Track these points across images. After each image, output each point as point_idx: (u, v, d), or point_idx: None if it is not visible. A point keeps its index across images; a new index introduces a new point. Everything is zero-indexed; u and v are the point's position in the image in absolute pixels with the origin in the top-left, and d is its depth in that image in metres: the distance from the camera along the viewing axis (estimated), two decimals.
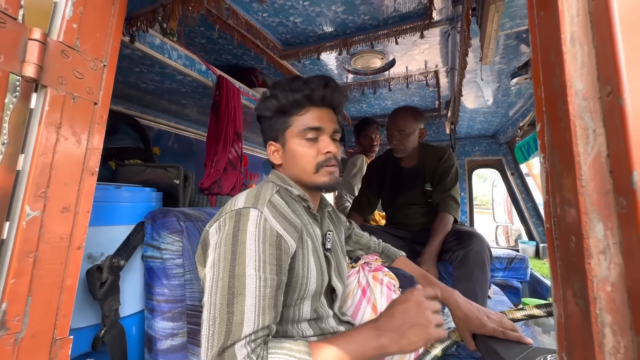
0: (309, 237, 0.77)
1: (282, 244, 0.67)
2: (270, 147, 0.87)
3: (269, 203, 0.71)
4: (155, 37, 1.08)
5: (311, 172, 0.81)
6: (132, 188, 0.83)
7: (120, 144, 1.29)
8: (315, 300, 0.77)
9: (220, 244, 0.64)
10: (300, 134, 0.81)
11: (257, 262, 0.62)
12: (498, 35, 0.85)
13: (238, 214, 0.67)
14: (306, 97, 0.81)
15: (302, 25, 1.48)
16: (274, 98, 0.82)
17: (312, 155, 0.81)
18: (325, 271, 0.81)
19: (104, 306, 0.67)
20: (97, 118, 0.58)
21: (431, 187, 1.81)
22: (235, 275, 0.61)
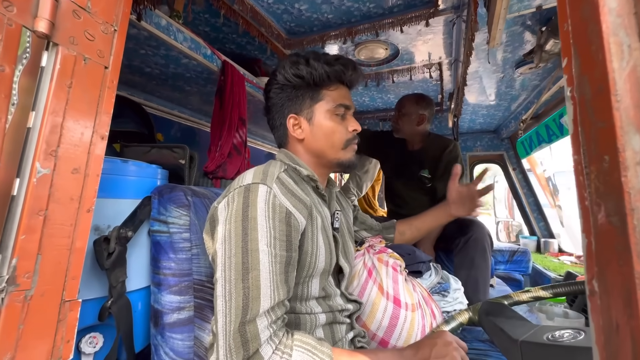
0: (319, 215, 0.77)
1: (291, 221, 0.66)
2: (291, 121, 0.82)
3: (277, 180, 0.70)
4: (162, 18, 1.08)
5: (339, 148, 0.82)
6: (139, 163, 0.83)
7: (124, 128, 1.28)
8: (323, 278, 0.77)
9: (230, 220, 0.63)
10: (332, 110, 0.80)
11: (268, 238, 0.62)
12: (507, 15, 0.85)
13: (247, 189, 0.66)
14: (341, 72, 0.80)
15: (307, 13, 1.48)
16: (308, 65, 0.78)
17: (342, 131, 0.81)
18: (334, 250, 0.80)
19: (111, 277, 0.67)
20: (107, 82, 0.57)
21: (429, 174, 1.82)
22: (248, 251, 0.60)
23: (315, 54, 0.81)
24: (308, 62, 0.79)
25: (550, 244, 2.54)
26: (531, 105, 2.01)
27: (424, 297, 0.99)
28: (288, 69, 0.80)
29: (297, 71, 0.79)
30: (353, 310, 0.83)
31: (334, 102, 0.80)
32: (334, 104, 0.80)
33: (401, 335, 0.87)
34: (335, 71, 0.79)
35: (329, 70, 0.79)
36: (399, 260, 1.03)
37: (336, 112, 0.81)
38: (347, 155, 0.83)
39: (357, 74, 0.83)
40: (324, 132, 0.81)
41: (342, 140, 0.81)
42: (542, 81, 1.79)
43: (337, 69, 0.79)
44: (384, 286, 0.93)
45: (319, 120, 0.81)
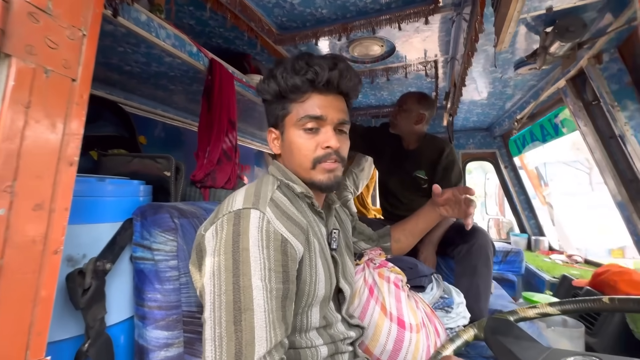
0: (316, 238, 0.70)
1: (288, 249, 0.60)
2: (271, 134, 0.79)
3: (271, 202, 0.63)
4: (141, 13, 0.97)
5: (307, 168, 0.72)
6: (118, 181, 0.74)
7: (102, 132, 1.17)
8: (324, 306, 0.71)
9: (219, 251, 0.56)
10: (299, 123, 0.71)
11: (262, 271, 0.55)
12: (519, 17, 0.79)
13: (237, 215, 0.59)
14: (308, 81, 0.70)
15: (299, 7, 1.39)
16: (273, 79, 0.72)
17: (309, 148, 0.72)
18: (334, 274, 0.74)
19: (87, 316, 0.59)
20: (75, 97, 0.48)
21: (425, 176, 1.79)
22: (240, 288, 0.54)
23: (288, 62, 0.72)
24: (275, 76, 0.72)
25: (541, 242, 2.57)
26: (526, 104, 1.98)
27: (427, 314, 0.95)
28: (260, 84, 0.77)
29: (264, 86, 0.75)
30: (356, 337, 0.78)
31: (302, 114, 0.71)
32: (301, 116, 0.71)
33: (406, 358, 0.82)
34: (296, 83, 0.70)
35: (292, 81, 0.70)
36: (401, 275, 0.99)
37: (304, 127, 0.71)
38: (317, 176, 0.72)
39: (336, 72, 0.71)
40: (290, 148, 0.74)
41: (308, 158, 0.72)
42: (539, 81, 1.76)
43: (307, 76, 0.70)
44: (386, 306, 0.89)
45: (287, 135, 0.74)
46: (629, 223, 1.46)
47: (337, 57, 0.74)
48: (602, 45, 1.16)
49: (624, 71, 1.20)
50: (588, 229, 6.02)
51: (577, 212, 5.87)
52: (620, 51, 1.19)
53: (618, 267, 1.39)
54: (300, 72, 0.70)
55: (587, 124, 1.49)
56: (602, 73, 1.25)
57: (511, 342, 0.82)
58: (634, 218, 1.41)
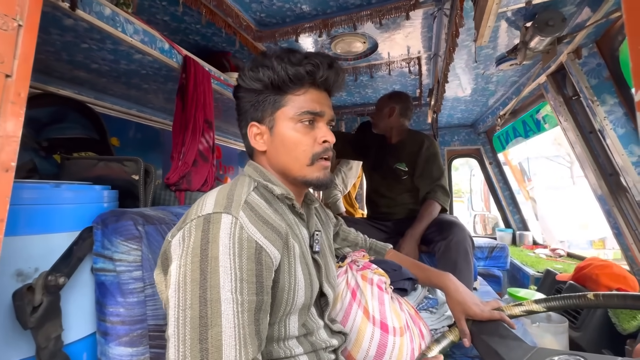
0: (296, 242, 0.66)
1: (262, 257, 0.55)
2: (252, 130, 0.71)
3: (245, 205, 0.58)
4: (105, 7, 0.91)
5: (304, 164, 0.69)
6: (77, 186, 0.68)
7: (68, 134, 1.10)
8: (303, 314, 0.67)
9: (186, 261, 0.51)
10: (296, 117, 0.68)
11: (233, 282, 0.50)
12: (499, 9, 0.77)
13: (207, 221, 0.54)
14: (309, 73, 0.68)
15: (278, 3, 1.35)
16: (268, 68, 0.67)
17: (307, 143, 0.68)
18: (315, 278, 0.71)
19: (38, 336, 0.53)
20: (10, 95, 0.43)
21: (405, 167, 1.84)
22: (207, 301, 0.49)
23: (282, 53, 0.68)
24: (269, 64, 0.67)
25: (525, 237, 2.60)
26: (509, 101, 1.99)
27: (411, 316, 0.93)
28: (249, 71, 0.69)
29: (257, 74, 0.68)
30: (338, 345, 0.74)
31: (301, 108, 0.68)
32: (300, 111, 0.68)
33: None
34: (300, 73, 0.67)
35: (293, 71, 0.66)
36: (384, 277, 0.96)
37: (301, 120, 0.68)
38: (314, 173, 0.70)
39: (334, 72, 0.70)
40: (284, 144, 0.69)
41: (307, 153, 0.69)
42: (520, 77, 1.76)
43: (306, 69, 0.67)
44: (369, 310, 0.86)
45: (280, 130, 0.69)
46: (609, 216, 1.47)
47: (333, 58, 0.73)
48: (581, 39, 1.16)
49: (602, 66, 1.20)
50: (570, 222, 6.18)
51: (559, 205, 6.02)
52: (599, 45, 1.19)
53: (599, 260, 1.41)
54: (300, 64, 0.67)
55: (567, 119, 1.49)
56: (581, 68, 1.25)
57: (497, 342, 0.80)
58: (614, 211, 1.42)
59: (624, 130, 1.20)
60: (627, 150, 1.20)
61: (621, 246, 1.45)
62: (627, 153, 1.20)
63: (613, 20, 1.07)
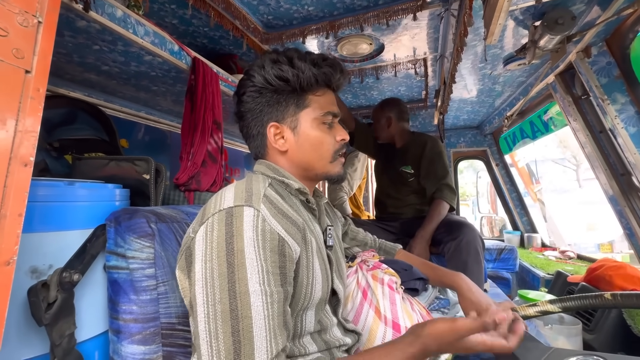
0: (313, 236, 0.66)
1: (285, 249, 0.56)
2: (272, 130, 0.70)
3: (264, 198, 0.59)
4: (117, 8, 0.92)
5: (328, 161, 0.73)
6: (90, 184, 0.69)
7: (78, 135, 1.11)
8: (319, 309, 0.67)
9: (212, 255, 0.52)
10: (320, 118, 0.71)
11: (260, 274, 0.51)
12: (510, 6, 0.77)
13: (229, 214, 0.54)
14: (330, 75, 0.71)
15: (285, 5, 1.36)
16: (293, 66, 0.66)
17: (330, 142, 0.72)
18: (329, 274, 0.71)
19: (52, 333, 0.53)
20: (30, 91, 0.44)
21: (411, 170, 1.85)
22: (237, 294, 0.49)
23: (299, 53, 0.69)
24: (292, 63, 0.67)
25: (534, 239, 2.57)
26: (516, 101, 1.98)
27: (423, 316, 0.91)
28: (269, 69, 0.67)
29: (280, 72, 0.66)
30: (351, 344, 0.74)
31: (322, 110, 0.71)
32: (322, 112, 0.71)
33: None
34: (323, 74, 0.69)
35: (317, 72, 0.68)
36: (395, 277, 0.95)
37: (324, 121, 0.71)
38: (335, 168, 0.75)
39: (344, 77, 0.75)
40: (310, 142, 0.71)
41: (330, 151, 0.73)
42: (528, 77, 1.76)
43: (325, 71, 0.69)
44: (380, 309, 0.85)
45: (304, 129, 0.70)
46: (621, 217, 1.45)
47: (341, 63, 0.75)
48: (590, 38, 1.16)
49: (613, 64, 1.19)
50: (577, 225, 6.10)
51: (567, 208, 5.96)
52: (608, 44, 1.18)
53: (613, 261, 1.38)
54: (321, 65, 0.70)
55: (577, 119, 1.48)
56: (591, 67, 1.24)
57: None
58: (626, 212, 1.40)
59: (636, 129, 1.19)
60: (639, 149, 1.19)
61: (634, 247, 1.43)
62: (639, 152, 1.19)
63: (624, 18, 1.06)
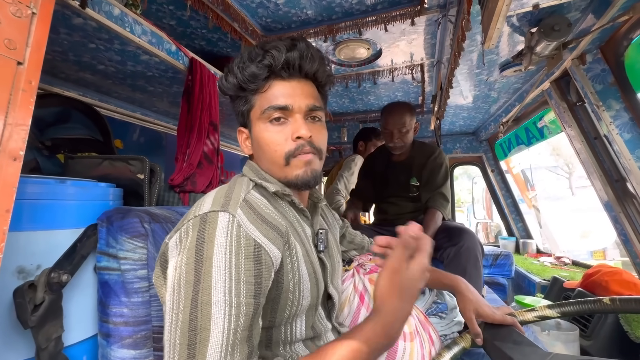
0: (298, 240, 0.64)
1: (262, 256, 0.52)
2: (241, 135, 0.72)
3: (243, 203, 0.57)
4: (114, 6, 0.91)
5: (281, 165, 0.64)
6: (82, 183, 0.67)
7: (72, 134, 1.09)
8: (310, 315, 0.65)
9: (182, 263, 0.49)
10: (264, 116, 0.64)
11: (227, 282, 0.48)
12: (508, 12, 0.78)
13: (203, 220, 0.52)
14: (266, 67, 0.63)
15: (284, 8, 1.36)
16: (230, 73, 0.66)
17: (278, 142, 0.63)
18: (321, 277, 0.68)
19: (38, 336, 0.51)
20: (22, 83, 0.42)
21: (417, 182, 1.81)
22: (198, 304, 0.46)
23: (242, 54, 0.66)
24: (231, 69, 0.66)
25: (529, 245, 2.58)
26: (511, 107, 2.00)
27: (420, 321, 0.90)
28: (220, 81, 0.69)
29: (224, 82, 0.68)
30: None
31: (265, 105, 0.64)
32: (264, 108, 0.64)
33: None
34: (261, 66, 0.63)
35: (250, 70, 0.63)
36: None
37: (269, 118, 0.64)
38: (292, 172, 0.64)
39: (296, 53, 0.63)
40: (259, 145, 0.66)
41: (279, 154, 0.63)
42: (523, 84, 1.77)
43: (264, 62, 0.62)
44: None
45: (255, 132, 0.67)
46: (616, 223, 1.46)
47: (296, 37, 0.66)
48: (585, 45, 1.17)
49: (607, 71, 1.21)
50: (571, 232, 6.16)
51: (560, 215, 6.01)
52: (603, 51, 1.20)
53: (608, 267, 1.39)
54: (256, 58, 0.63)
55: (572, 126, 1.49)
56: (586, 73, 1.26)
57: (511, 348, 0.77)
58: (621, 218, 1.41)
59: (631, 135, 1.20)
60: (634, 155, 1.20)
61: (629, 253, 1.43)
62: (634, 158, 1.20)
63: (618, 26, 1.08)
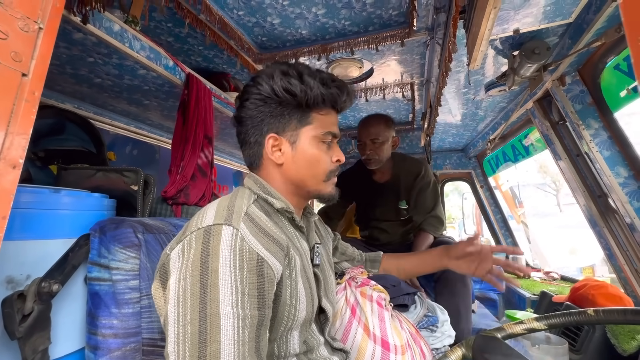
0: (297, 254, 0.65)
1: (264, 270, 0.53)
2: (270, 141, 0.70)
3: (246, 217, 0.58)
4: (114, 23, 0.94)
5: (321, 180, 0.73)
6: (75, 192, 0.67)
7: (65, 146, 1.09)
8: (305, 329, 0.65)
9: (186, 274, 0.50)
10: (320, 137, 0.71)
11: (234, 295, 0.49)
12: (490, 36, 0.83)
13: (207, 233, 0.53)
14: (337, 96, 0.71)
15: (279, 27, 1.41)
16: (302, 82, 0.66)
17: (327, 161, 0.72)
18: (315, 292, 0.69)
19: (25, 348, 0.50)
20: (25, 94, 0.44)
21: (406, 204, 1.74)
22: (206, 316, 0.47)
23: (309, 70, 0.70)
24: (302, 78, 0.67)
25: (518, 260, 2.60)
26: (498, 125, 2.07)
27: (412, 334, 0.91)
28: (278, 80, 0.67)
29: (289, 86, 0.66)
30: None
31: (324, 129, 0.71)
32: (324, 131, 0.71)
33: None
34: (330, 94, 0.70)
35: (325, 92, 0.68)
36: (384, 294, 0.95)
37: (324, 140, 0.72)
38: (327, 188, 0.75)
39: (350, 99, 0.75)
40: (307, 159, 0.71)
41: (325, 171, 0.72)
42: (508, 103, 1.85)
43: (332, 92, 0.70)
44: (369, 327, 0.83)
45: (303, 145, 0.70)
46: (600, 237, 1.50)
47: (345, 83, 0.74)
48: (564, 68, 1.24)
49: (585, 92, 1.28)
50: (559, 248, 6.24)
51: (548, 231, 6.11)
52: (581, 73, 1.27)
53: (594, 281, 1.42)
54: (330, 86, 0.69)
55: (555, 143, 1.56)
56: (566, 94, 1.33)
57: (500, 357, 0.78)
58: (605, 232, 1.45)
59: (610, 153, 1.26)
60: (613, 171, 1.25)
61: (614, 267, 1.47)
62: (614, 174, 1.25)
63: (593, 50, 1.15)
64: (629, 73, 1.11)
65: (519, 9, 0.88)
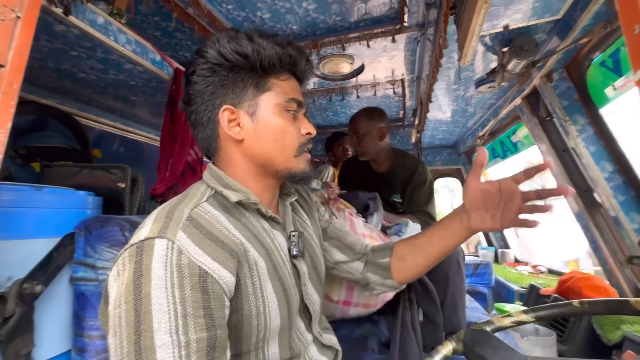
0: (264, 255, 0.57)
1: (208, 285, 0.46)
2: (225, 114, 0.59)
3: (187, 222, 0.49)
4: (98, 15, 0.91)
5: (291, 155, 0.62)
6: (59, 190, 0.65)
7: (48, 143, 1.06)
8: (284, 336, 0.59)
9: (120, 301, 0.43)
10: (283, 104, 0.60)
11: (172, 321, 0.42)
12: (481, 31, 0.83)
13: (139, 250, 0.45)
14: (296, 59, 0.61)
15: (269, 22, 1.39)
16: (253, 42, 0.57)
17: (294, 133, 0.62)
18: (296, 289, 0.63)
19: (7, 351, 0.48)
20: (2, 86, 0.41)
21: (400, 199, 1.74)
22: (141, 349, 0.41)
23: (260, 32, 0.59)
24: (252, 39, 0.57)
25: (507, 254, 2.66)
26: (487, 122, 2.10)
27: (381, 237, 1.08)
28: (226, 43, 0.57)
29: (238, 47, 0.57)
30: None
31: (285, 95, 0.61)
32: (286, 97, 0.61)
33: None
34: (289, 56, 0.60)
35: (281, 52, 0.58)
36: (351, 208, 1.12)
37: (287, 108, 0.61)
38: (300, 164, 0.63)
39: (310, 66, 0.65)
40: (271, 132, 0.60)
41: (294, 144, 0.62)
42: (497, 100, 1.87)
43: (290, 53, 0.60)
44: None
45: (265, 115, 0.60)
46: (586, 231, 1.54)
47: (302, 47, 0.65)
48: (552, 64, 1.26)
49: (572, 88, 1.30)
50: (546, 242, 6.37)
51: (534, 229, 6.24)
52: (568, 70, 1.30)
53: (580, 274, 1.45)
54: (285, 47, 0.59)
55: (542, 139, 1.58)
56: (553, 90, 1.35)
57: (490, 353, 0.79)
58: (590, 226, 1.49)
59: (595, 148, 1.28)
60: (599, 166, 1.28)
61: (599, 260, 1.51)
62: (599, 169, 1.28)
63: (580, 47, 1.17)
64: (615, 69, 1.13)
65: (509, 5, 0.88)
